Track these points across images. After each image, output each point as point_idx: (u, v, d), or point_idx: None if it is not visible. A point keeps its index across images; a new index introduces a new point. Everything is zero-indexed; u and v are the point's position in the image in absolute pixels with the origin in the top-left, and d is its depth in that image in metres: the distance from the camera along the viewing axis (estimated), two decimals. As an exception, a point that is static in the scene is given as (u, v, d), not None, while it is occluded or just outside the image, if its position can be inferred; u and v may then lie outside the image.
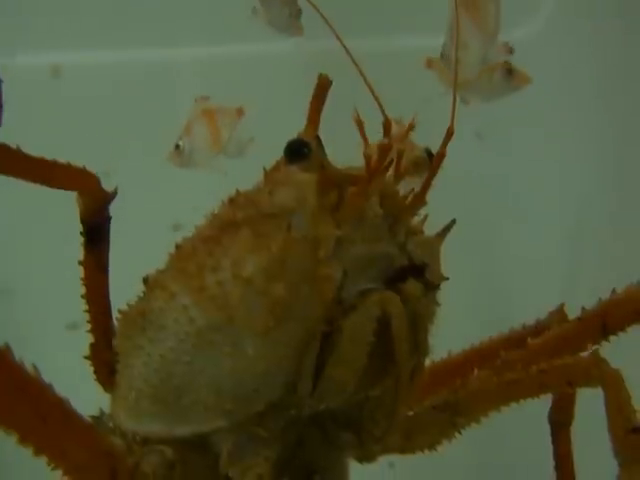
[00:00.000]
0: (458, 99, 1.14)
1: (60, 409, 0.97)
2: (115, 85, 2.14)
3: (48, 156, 1.17)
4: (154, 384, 1.10)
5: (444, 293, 1.17)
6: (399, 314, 1.06)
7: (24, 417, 0.92)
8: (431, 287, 1.12)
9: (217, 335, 1.06)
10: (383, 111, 1.07)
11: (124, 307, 1.19)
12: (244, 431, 1.10)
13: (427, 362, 1.37)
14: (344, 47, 1.10)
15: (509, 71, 1.73)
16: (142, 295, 1.16)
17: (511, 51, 1.45)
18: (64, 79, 2.13)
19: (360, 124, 1.06)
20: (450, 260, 1.16)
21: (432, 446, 1.27)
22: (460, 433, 1.27)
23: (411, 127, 1.11)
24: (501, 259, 2.19)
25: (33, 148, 1.16)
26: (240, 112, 1.83)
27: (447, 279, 1.15)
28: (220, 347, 1.06)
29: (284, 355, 1.06)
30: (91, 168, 1.22)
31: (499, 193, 2.19)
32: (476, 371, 1.28)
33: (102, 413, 1.23)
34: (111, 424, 1.18)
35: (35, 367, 0.95)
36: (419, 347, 1.11)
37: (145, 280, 1.16)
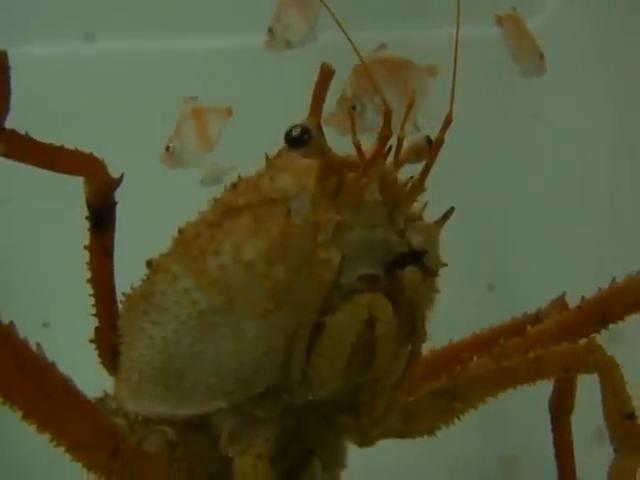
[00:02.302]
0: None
1: (63, 387, 0.99)
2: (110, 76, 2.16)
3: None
4: (156, 366, 1.12)
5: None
6: (386, 319, 1.06)
7: (28, 393, 0.95)
8: (430, 273, 1.13)
9: (218, 318, 1.08)
10: (383, 99, 1.09)
11: (128, 290, 1.21)
12: (244, 412, 1.12)
13: (427, 349, 1.40)
14: (346, 35, 1.11)
15: (541, 56, 1.80)
16: (145, 278, 1.18)
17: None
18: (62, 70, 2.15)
19: (351, 113, 1.07)
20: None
21: (431, 431, 1.28)
22: (459, 418, 1.28)
23: (409, 112, 1.12)
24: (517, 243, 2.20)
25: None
26: (229, 111, 1.85)
27: (445, 265, 1.17)
28: (221, 329, 1.08)
29: (283, 339, 1.08)
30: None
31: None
32: (475, 358, 1.29)
33: (106, 395, 1.25)
34: (114, 405, 1.21)
35: (39, 345, 0.98)
36: (416, 333, 1.12)
37: (148, 263, 1.18)
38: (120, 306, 1.22)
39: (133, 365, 1.16)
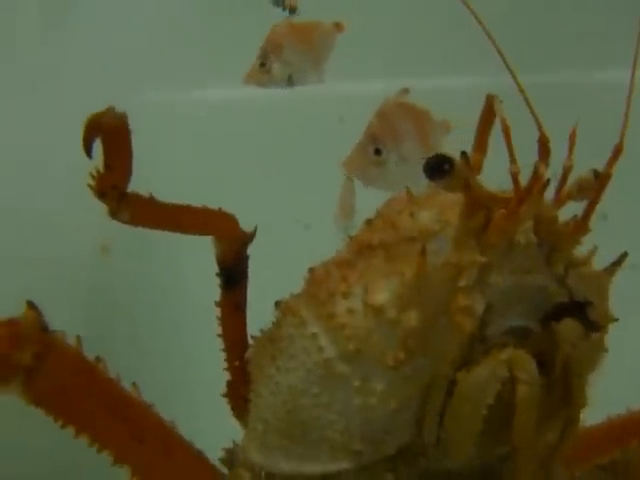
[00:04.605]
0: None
1: (161, 431, 0.92)
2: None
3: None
4: (281, 416, 1.04)
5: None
6: (529, 380, 0.92)
7: (118, 435, 0.88)
8: (594, 329, 0.97)
9: (346, 367, 0.98)
10: (540, 126, 0.95)
11: (257, 333, 1.14)
12: (373, 476, 1.00)
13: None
14: (513, 75, 0.98)
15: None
16: (274, 321, 1.10)
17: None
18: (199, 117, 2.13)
19: (508, 133, 0.94)
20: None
21: (597, 512, 1.11)
22: (632, 501, 1.10)
23: (573, 142, 0.97)
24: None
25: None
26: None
27: (616, 320, 1.01)
28: (349, 380, 0.98)
29: (416, 394, 0.95)
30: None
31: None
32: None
33: (235, 445, 1.18)
34: (242, 457, 1.13)
35: (135, 385, 0.91)
36: (572, 398, 0.96)
37: (277, 304, 1.09)
38: (249, 350, 1.15)
39: (259, 414, 1.08)
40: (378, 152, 1.42)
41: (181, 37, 2.13)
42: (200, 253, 1.22)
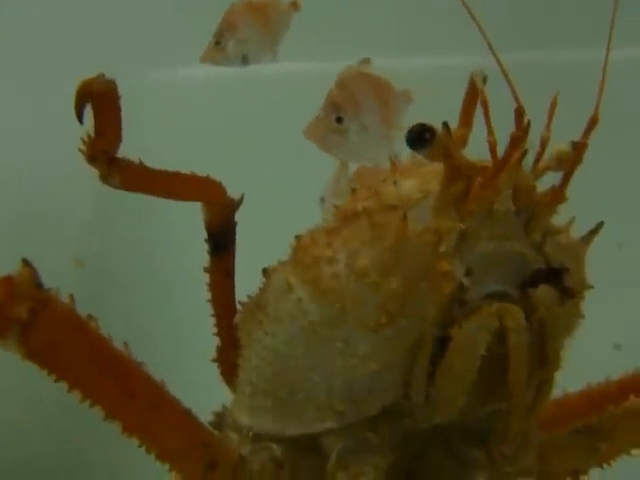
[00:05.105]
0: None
1: (151, 389, 0.95)
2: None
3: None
4: (268, 379, 1.07)
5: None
6: (518, 330, 0.95)
7: (109, 391, 0.91)
8: (570, 295, 1.01)
9: (330, 330, 1.01)
10: (516, 97, 0.98)
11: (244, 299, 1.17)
12: (355, 435, 1.04)
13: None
14: (495, 56, 1.01)
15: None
16: (261, 287, 1.13)
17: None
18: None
19: (486, 106, 0.97)
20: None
21: (574, 472, 1.15)
22: (608, 464, 1.14)
23: (552, 113, 1.00)
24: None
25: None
26: None
27: (591, 287, 1.04)
28: (332, 343, 1.01)
29: (397, 356, 0.99)
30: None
31: None
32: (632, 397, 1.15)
33: (224, 408, 1.21)
34: (230, 420, 1.16)
35: (126, 344, 0.94)
36: (547, 360, 1.00)
37: (264, 271, 1.13)
38: (237, 315, 1.18)
39: (247, 377, 1.11)
40: (340, 120, 1.45)
41: (181, 18, 2.16)
42: (191, 220, 1.25)
